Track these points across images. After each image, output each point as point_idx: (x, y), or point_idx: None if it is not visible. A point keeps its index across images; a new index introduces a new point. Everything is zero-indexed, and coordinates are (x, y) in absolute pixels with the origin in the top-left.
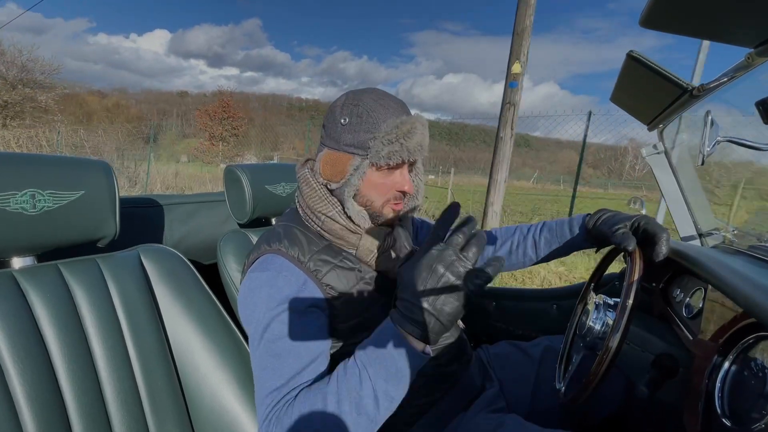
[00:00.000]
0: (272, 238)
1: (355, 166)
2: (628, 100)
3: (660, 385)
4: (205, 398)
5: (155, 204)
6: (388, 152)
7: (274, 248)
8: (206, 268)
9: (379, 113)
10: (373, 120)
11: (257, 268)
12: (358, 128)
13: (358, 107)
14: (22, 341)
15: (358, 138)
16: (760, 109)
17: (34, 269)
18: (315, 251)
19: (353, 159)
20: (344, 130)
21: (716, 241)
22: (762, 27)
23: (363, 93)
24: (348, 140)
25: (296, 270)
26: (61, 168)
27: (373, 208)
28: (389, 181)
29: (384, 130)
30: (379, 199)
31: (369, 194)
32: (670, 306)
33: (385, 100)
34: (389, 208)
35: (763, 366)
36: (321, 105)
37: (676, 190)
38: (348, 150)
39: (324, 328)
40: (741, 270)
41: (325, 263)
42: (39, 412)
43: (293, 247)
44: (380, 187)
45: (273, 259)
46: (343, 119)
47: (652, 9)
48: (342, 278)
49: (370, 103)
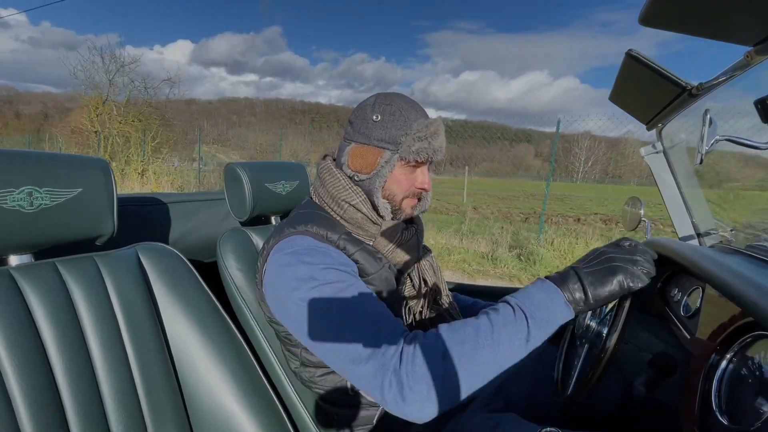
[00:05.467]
0: (296, 221)
1: (386, 159)
2: (627, 99)
3: (658, 383)
4: (203, 397)
5: (155, 202)
6: (417, 148)
7: (300, 230)
8: (207, 266)
9: (411, 113)
10: (405, 118)
11: (285, 247)
12: (390, 125)
13: (390, 106)
14: (18, 339)
15: (390, 134)
16: (759, 108)
17: (31, 267)
18: (342, 233)
19: (384, 153)
20: (376, 126)
21: (714, 241)
22: (761, 25)
23: (393, 95)
24: (380, 135)
25: (327, 245)
26: (59, 165)
27: (394, 201)
28: (411, 177)
29: (415, 127)
30: (401, 194)
31: (392, 188)
32: (668, 305)
33: (414, 103)
34: (408, 203)
35: (760, 365)
36: (322, 108)
37: (675, 189)
38: (379, 144)
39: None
40: (739, 269)
41: (353, 244)
42: (36, 411)
43: (321, 228)
44: (403, 183)
45: (301, 239)
46: (375, 116)
47: (651, 7)
48: (368, 261)
49: (402, 104)
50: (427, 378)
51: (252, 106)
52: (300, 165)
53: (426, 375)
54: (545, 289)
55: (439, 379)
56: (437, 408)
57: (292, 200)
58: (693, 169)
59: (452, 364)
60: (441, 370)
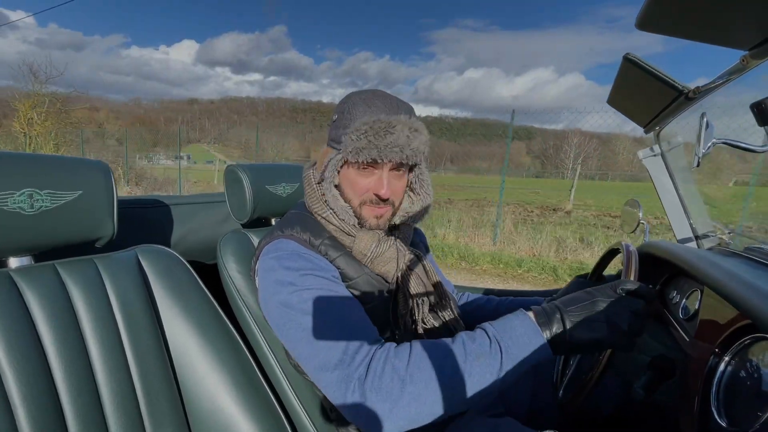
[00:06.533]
0: (285, 224)
1: (330, 158)
2: (624, 102)
3: (656, 386)
4: (202, 399)
5: (155, 204)
6: (354, 148)
7: (286, 233)
8: (207, 268)
9: (358, 111)
10: (350, 116)
11: (271, 251)
12: (339, 124)
13: (344, 104)
14: (18, 341)
15: (337, 133)
16: (755, 112)
17: (31, 269)
18: (326, 237)
19: (330, 152)
20: (333, 126)
21: (712, 243)
22: (756, 30)
23: (358, 92)
24: (332, 135)
25: (309, 250)
26: (59, 168)
27: (352, 206)
28: (366, 181)
29: (354, 126)
30: (355, 198)
31: (347, 191)
32: (667, 308)
33: (373, 100)
34: (368, 211)
35: (759, 367)
36: (323, 106)
37: (673, 192)
38: (330, 144)
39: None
40: (737, 272)
41: (335, 249)
42: (35, 413)
43: (305, 232)
44: (355, 186)
45: (286, 242)
46: (335, 116)
47: (647, 11)
48: (350, 265)
49: (357, 101)
50: (391, 397)
51: (253, 105)
52: (300, 167)
53: (390, 394)
54: (526, 325)
55: (405, 400)
56: (398, 428)
57: (292, 202)
58: (690, 171)
59: (419, 387)
60: (408, 392)
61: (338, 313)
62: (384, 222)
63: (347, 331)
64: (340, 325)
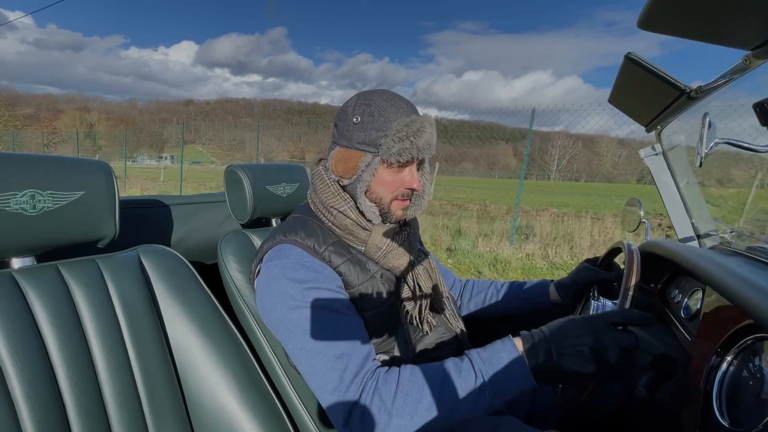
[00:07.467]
0: (287, 229)
1: (367, 163)
2: (626, 101)
3: (658, 386)
4: (205, 399)
5: (156, 204)
6: (398, 149)
7: (290, 239)
8: (208, 268)
9: (390, 112)
10: (384, 119)
11: (275, 257)
12: (370, 126)
13: (369, 107)
14: (21, 341)
15: (370, 136)
16: (757, 111)
17: (34, 269)
18: (330, 243)
19: (365, 156)
20: (356, 129)
21: (714, 242)
22: (758, 29)
23: (374, 93)
24: (360, 138)
25: (313, 258)
26: (61, 169)
27: (382, 204)
28: (398, 178)
29: (395, 128)
30: (388, 196)
31: (378, 191)
32: (669, 307)
33: (395, 101)
34: (397, 204)
35: (761, 367)
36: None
37: (675, 191)
38: (360, 147)
39: (352, 305)
40: (739, 271)
41: (339, 255)
42: (38, 413)
43: (309, 238)
44: (390, 184)
45: (289, 248)
46: (356, 118)
47: (650, 11)
48: (354, 272)
49: (381, 102)
50: (379, 427)
51: (249, 106)
52: (300, 167)
53: (378, 425)
54: (513, 356)
55: (391, 431)
56: None
57: (292, 202)
58: (692, 171)
59: (404, 420)
60: (394, 424)
61: (337, 334)
62: (410, 212)
63: (345, 358)
64: (337, 350)
